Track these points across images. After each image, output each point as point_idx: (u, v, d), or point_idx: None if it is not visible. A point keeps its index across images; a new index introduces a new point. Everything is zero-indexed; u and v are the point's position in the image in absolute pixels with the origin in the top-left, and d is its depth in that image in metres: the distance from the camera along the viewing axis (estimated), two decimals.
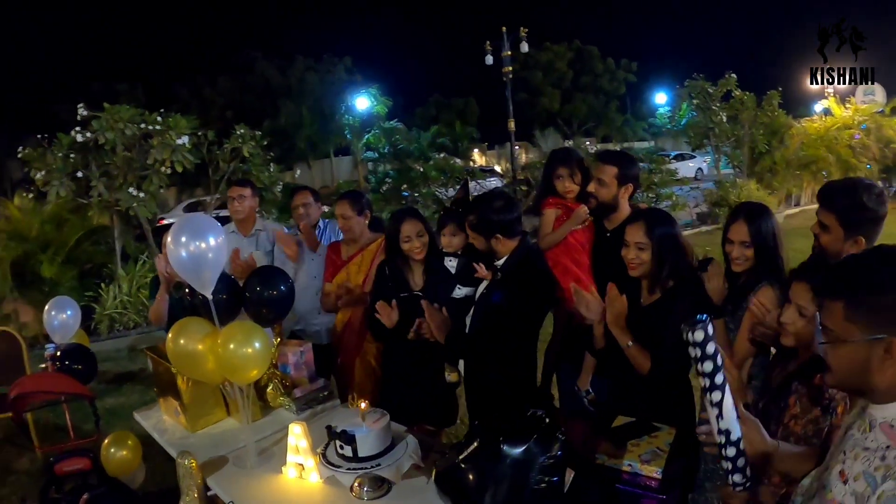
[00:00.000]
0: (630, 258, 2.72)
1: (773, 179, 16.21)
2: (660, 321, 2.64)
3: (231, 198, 4.60)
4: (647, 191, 13.40)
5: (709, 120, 16.02)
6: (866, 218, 2.44)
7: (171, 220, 18.50)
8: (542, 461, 1.55)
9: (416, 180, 11.51)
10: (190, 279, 2.67)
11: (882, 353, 1.32)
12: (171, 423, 3.33)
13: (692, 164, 28.64)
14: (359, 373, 3.84)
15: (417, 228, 3.37)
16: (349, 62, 34.75)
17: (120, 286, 8.68)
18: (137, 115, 8.33)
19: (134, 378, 6.81)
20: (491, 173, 24.89)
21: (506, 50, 13.77)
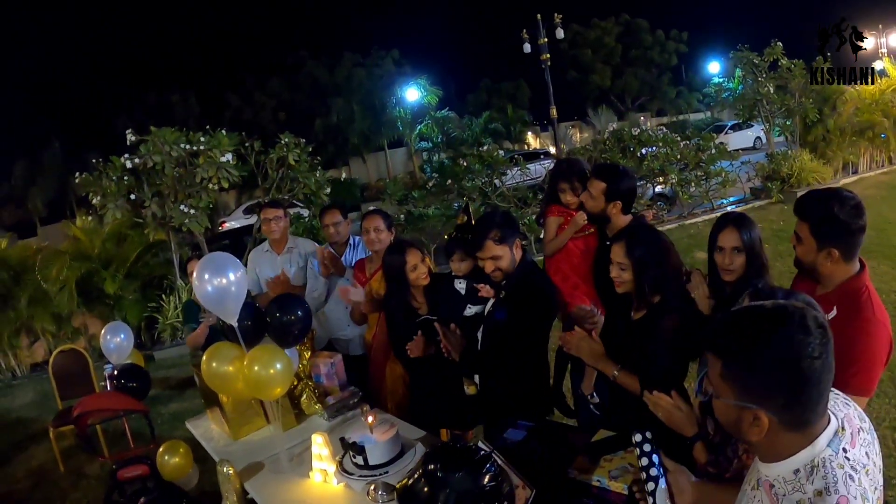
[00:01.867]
0: (613, 276, 2.76)
1: (827, 148, 15.69)
2: (647, 337, 2.69)
3: (266, 219, 4.85)
4: (695, 168, 13.26)
5: (756, 91, 15.60)
6: (838, 230, 2.34)
7: (233, 222, 19.27)
8: (479, 489, 1.70)
9: (461, 174, 11.64)
10: (216, 311, 2.98)
11: (751, 420, 1.32)
12: (217, 432, 3.68)
13: (751, 133, 27.78)
14: (389, 380, 4.04)
15: (419, 256, 3.60)
16: (397, 54, 34.87)
17: (180, 296, 9.15)
18: (182, 136, 8.75)
19: (194, 384, 7.20)
20: (545, 155, 24.81)
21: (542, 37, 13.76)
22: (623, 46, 41.05)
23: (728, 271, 2.77)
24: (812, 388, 1.28)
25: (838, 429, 1.36)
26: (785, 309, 1.31)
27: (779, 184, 14.40)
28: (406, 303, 3.66)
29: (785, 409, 1.30)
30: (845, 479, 1.27)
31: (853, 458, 1.32)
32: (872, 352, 2.20)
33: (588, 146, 14.25)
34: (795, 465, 1.32)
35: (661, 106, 43.66)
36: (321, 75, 33.51)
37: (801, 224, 2.44)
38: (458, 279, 3.62)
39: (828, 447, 1.32)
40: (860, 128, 15.90)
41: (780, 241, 10.03)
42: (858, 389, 2.12)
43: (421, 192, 12.13)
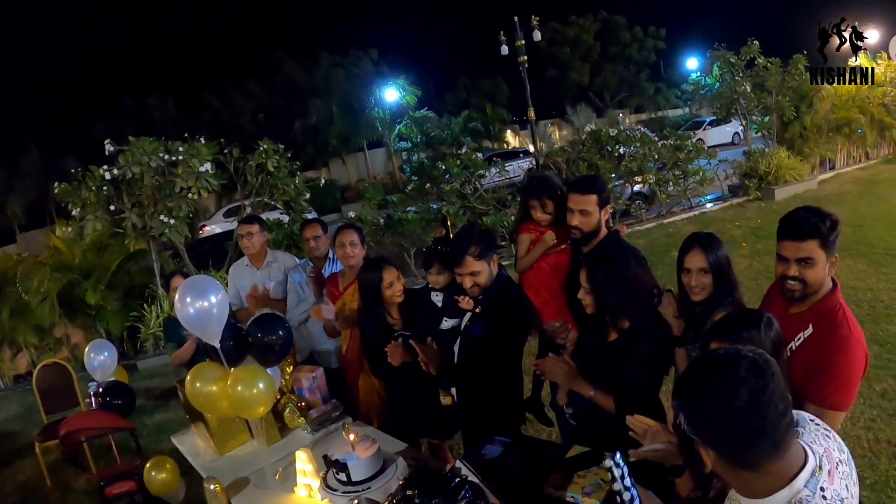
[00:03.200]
0: (580, 297, 2.80)
1: (804, 145, 15.89)
2: (620, 361, 2.73)
3: (241, 235, 4.87)
4: (672, 168, 13.37)
5: (733, 90, 15.79)
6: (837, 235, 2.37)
7: (214, 226, 19.17)
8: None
9: (439, 177, 11.66)
10: (199, 333, 3.03)
11: (705, 454, 1.42)
12: (202, 447, 3.73)
13: (729, 129, 28.05)
14: (363, 392, 4.11)
15: (396, 274, 3.66)
16: (375, 54, 34.87)
17: (162, 305, 9.13)
18: (161, 146, 8.72)
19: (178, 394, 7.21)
20: (525, 154, 24.90)
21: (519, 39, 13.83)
22: (601, 44, 41.19)
23: (696, 292, 2.79)
24: (740, 433, 1.34)
25: (815, 468, 1.41)
26: (722, 358, 1.40)
27: (756, 181, 14.54)
28: (381, 319, 3.71)
29: (723, 448, 1.38)
30: None
31: (830, 497, 1.38)
32: (850, 368, 2.25)
33: (566, 147, 14.28)
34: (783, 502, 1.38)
35: (639, 102, 43.90)
36: (299, 76, 33.38)
37: (804, 245, 2.33)
38: (434, 292, 3.67)
39: (805, 487, 1.37)
40: (837, 124, 16.10)
41: (757, 240, 10.18)
42: (837, 404, 2.19)
43: (400, 196, 12.14)
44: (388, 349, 3.48)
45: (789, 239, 2.39)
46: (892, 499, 3.69)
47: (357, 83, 33.21)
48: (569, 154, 13.23)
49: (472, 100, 37.61)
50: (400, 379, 3.70)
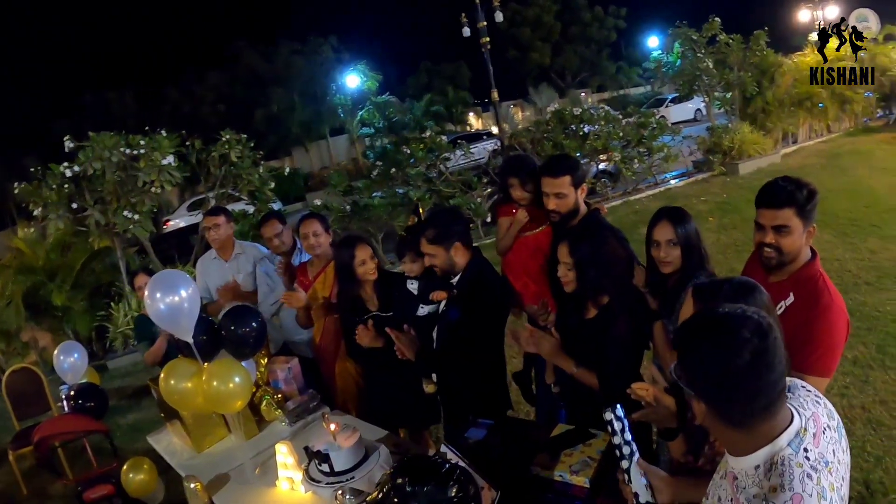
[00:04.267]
0: (560, 275, 2.77)
1: (767, 120, 16.10)
2: (600, 338, 2.72)
3: (207, 227, 4.75)
4: (637, 145, 13.45)
5: (695, 66, 15.92)
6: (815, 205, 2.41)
7: (178, 220, 18.88)
8: (449, 499, 1.74)
9: (404, 161, 11.61)
10: (171, 329, 2.96)
11: (696, 408, 1.44)
12: (179, 445, 3.65)
13: (691, 106, 28.41)
14: (340, 381, 4.07)
15: (369, 252, 3.64)
16: (335, 41, 34.50)
17: (129, 303, 8.96)
18: (122, 140, 8.54)
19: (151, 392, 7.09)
20: (488, 136, 24.92)
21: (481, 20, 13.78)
22: (562, 24, 41.38)
23: (665, 264, 2.81)
24: (738, 390, 1.36)
25: (801, 429, 1.42)
26: (727, 316, 1.40)
27: (721, 156, 14.73)
28: (356, 298, 3.69)
29: (716, 403, 1.40)
30: (802, 478, 1.35)
31: (813, 458, 1.39)
32: (833, 335, 2.28)
33: (531, 127, 14.29)
34: (756, 462, 1.40)
35: (601, 82, 44.16)
36: (259, 65, 32.94)
37: (781, 213, 2.38)
38: (410, 280, 3.63)
39: (788, 446, 1.39)
40: (798, 99, 16.33)
41: (724, 214, 10.32)
42: (819, 371, 2.21)
43: (365, 182, 12.06)
44: (358, 330, 3.46)
45: (766, 207, 2.42)
46: (869, 462, 3.77)
47: (318, 70, 32.90)
48: (533, 134, 13.25)
49: (434, 83, 37.47)
50: (377, 362, 3.67)
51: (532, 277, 3.65)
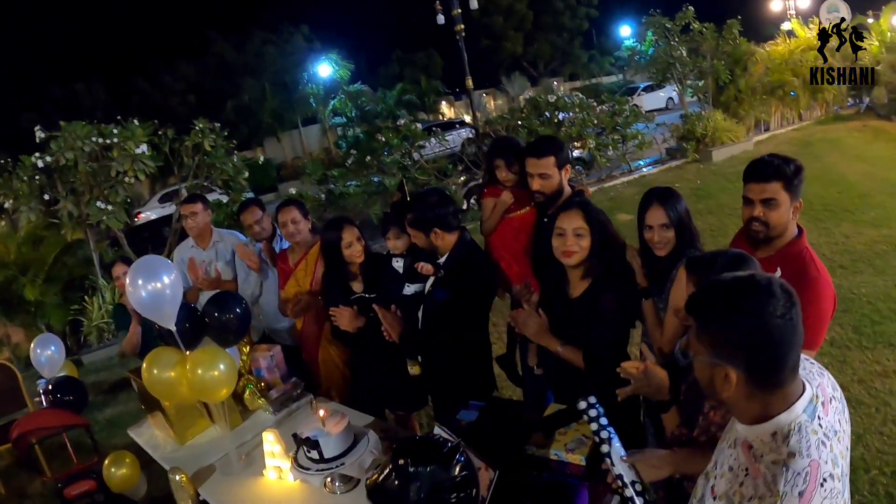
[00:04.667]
0: (569, 245, 2.70)
1: (739, 108, 16.26)
2: (587, 315, 2.73)
3: (184, 216, 4.68)
4: (611, 132, 13.49)
5: (669, 55, 16.03)
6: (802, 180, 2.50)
7: (150, 212, 18.61)
8: (449, 481, 1.72)
9: (378, 150, 11.55)
10: (152, 317, 2.89)
11: (723, 377, 1.41)
12: (162, 437, 3.58)
13: (663, 94, 28.63)
14: (323, 367, 4.04)
15: (356, 234, 3.60)
16: (306, 30, 34.18)
17: (103, 296, 8.80)
18: (94, 130, 8.35)
19: (128, 386, 6.91)
20: (461, 124, 24.87)
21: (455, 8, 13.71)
22: (534, 13, 41.23)
23: (659, 247, 2.82)
24: (776, 347, 1.36)
25: (813, 397, 1.45)
26: (754, 276, 1.42)
27: (694, 143, 14.84)
28: (343, 280, 3.66)
29: (752, 367, 1.38)
30: (818, 445, 1.37)
31: (826, 426, 1.42)
32: (820, 308, 2.30)
33: (505, 114, 14.26)
34: (773, 429, 1.41)
35: (573, 70, 44.26)
36: (230, 55, 32.52)
37: (769, 186, 2.45)
38: (395, 258, 3.62)
39: (803, 413, 1.41)
40: (771, 87, 16.51)
41: (698, 200, 10.41)
42: (808, 344, 2.17)
43: (340, 171, 11.97)
44: (336, 311, 3.44)
45: (754, 181, 2.49)
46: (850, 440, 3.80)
47: (289, 60, 32.58)
48: (508, 121, 13.23)
49: (406, 72, 37.31)
50: (363, 344, 3.64)
51: (515, 258, 3.67)
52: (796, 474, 1.33)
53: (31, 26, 41.29)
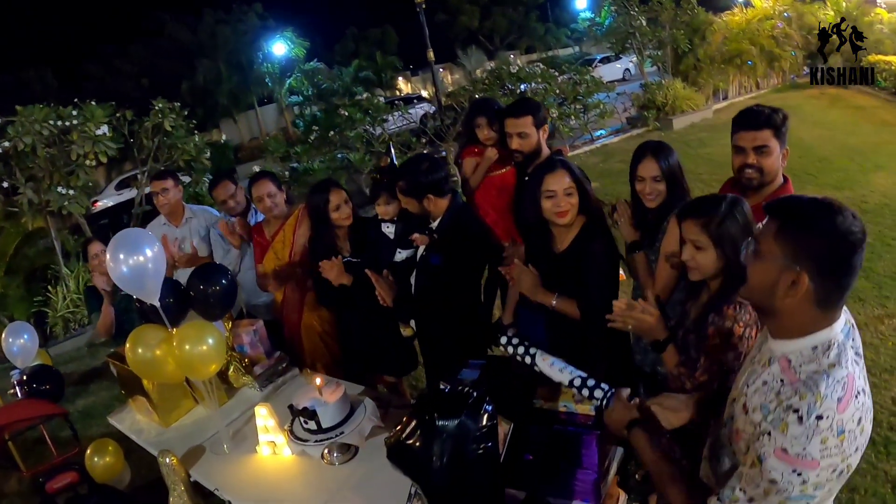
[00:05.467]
0: (563, 206, 2.76)
1: (698, 76, 16.45)
2: (578, 265, 2.78)
3: (155, 193, 4.54)
4: (573, 102, 13.51)
5: (629, 24, 16.10)
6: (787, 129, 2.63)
7: (106, 200, 18.12)
8: (475, 431, 1.69)
9: (342, 124, 11.39)
10: (135, 292, 2.79)
11: (789, 284, 1.44)
12: (145, 422, 3.47)
13: (619, 66, 28.57)
14: (306, 340, 3.98)
15: (344, 197, 3.55)
16: (259, 8, 33.29)
17: (67, 285, 8.54)
18: (52, 113, 8.02)
19: (100, 375, 6.76)
20: (419, 100, 24.69)
21: None
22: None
23: (650, 199, 2.85)
24: (848, 266, 1.42)
25: (847, 321, 1.53)
26: (840, 202, 1.45)
27: (655, 112, 15.01)
28: (330, 244, 3.60)
29: (824, 278, 1.42)
30: (853, 362, 1.46)
31: (856, 347, 1.51)
32: None
33: (467, 86, 14.19)
34: (814, 343, 1.47)
35: (530, 43, 44.19)
36: (183, 36, 31.63)
37: (760, 134, 2.57)
38: (385, 223, 3.58)
39: (841, 332, 1.48)
40: (729, 56, 16.78)
41: None
42: None
43: (304, 147, 11.79)
44: (324, 264, 3.38)
45: (746, 129, 2.61)
46: None
47: (243, 39, 31.84)
48: (470, 92, 13.15)
49: (362, 49, 36.91)
50: (350, 309, 3.61)
51: (500, 215, 3.70)
52: (836, 381, 1.40)
53: None
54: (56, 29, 34.36)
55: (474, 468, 1.69)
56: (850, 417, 1.39)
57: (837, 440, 1.38)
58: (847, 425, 1.38)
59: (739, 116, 2.67)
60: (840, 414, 1.38)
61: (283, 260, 3.93)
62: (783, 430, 1.40)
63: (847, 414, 1.39)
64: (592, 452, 2.18)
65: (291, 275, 3.87)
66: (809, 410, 1.38)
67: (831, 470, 1.39)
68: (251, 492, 2.67)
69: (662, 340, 2.18)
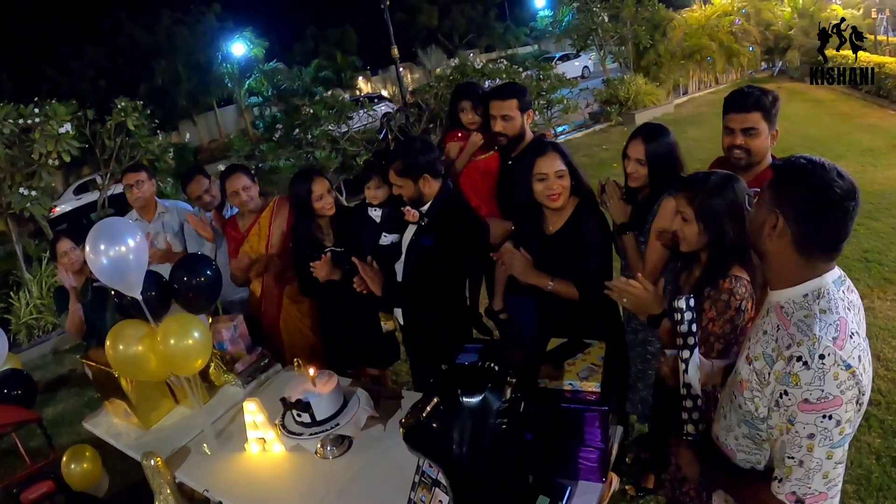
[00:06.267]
0: (555, 188, 2.81)
1: (660, 72, 16.67)
2: (571, 244, 2.80)
3: (128, 185, 4.39)
4: (537, 98, 13.52)
5: (591, 21, 16.23)
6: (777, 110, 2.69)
7: (64, 205, 17.66)
8: (499, 406, 1.67)
9: (307, 122, 11.23)
10: (116, 285, 2.67)
11: (771, 226, 1.56)
12: (123, 426, 3.33)
13: (578, 63, 28.82)
14: (286, 334, 3.91)
15: (326, 186, 3.48)
16: (218, 8, 32.76)
17: (30, 291, 8.22)
18: (13, 111, 7.69)
19: (67, 382, 6.58)
20: (379, 99, 24.65)
21: None
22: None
23: (632, 178, 2.93)
24: (829, 218, 1.51)
25: (841, 276, 1.61)
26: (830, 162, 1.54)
27: (617, 107, 15.18)
28: (312, 234, 3.55)
29: (800, 224, 1.53)
30: (845, 308, 1.54)
31: (849, 303, 1.58)
32: None
33: (431, 83, 14.16)
34: (805, 291, 1.56)
35: (489, 42, 44.31)
36: (141, 37, 30.88)
37: (749, 116, 2.64)
38: (372, 207, 3.51)
39: (832, 283, 1.57)
40: (689, 51, 17.04)
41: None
42: None
43: (270, 145, 11.60)
44: (315, 264, 3.33)
45: (735, 111, 2.68)
46: None
47: (202, 39, 31.24)
48: (435, 89, 13.09)
49: (322, 49, 36.68)
50: (334, 301, 3.55)
51: (483, 199, 3.68)
52: (828, 324, 1.48)
53: None
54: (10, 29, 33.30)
55: (499, 443, 1.67)
56: (849, 354, 1.45)
57: (847, 374, 1.43)
58: (850, 360, 1.44)
59: (730, 98, 2.74)
60: (840, 351, 1.44)
61: (259, 252, 3.85)
62: (796, 383, 1.46)
63: (846, 351, 1.45)
64: (596, 430, 2.19)
65: (270, 265, 3.80)
66: (811, 353, 1.45)
67: (854, 402, 1.45)
68: (242, 491, 2.58)
69: (657, 315, 2.20)
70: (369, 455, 2.58)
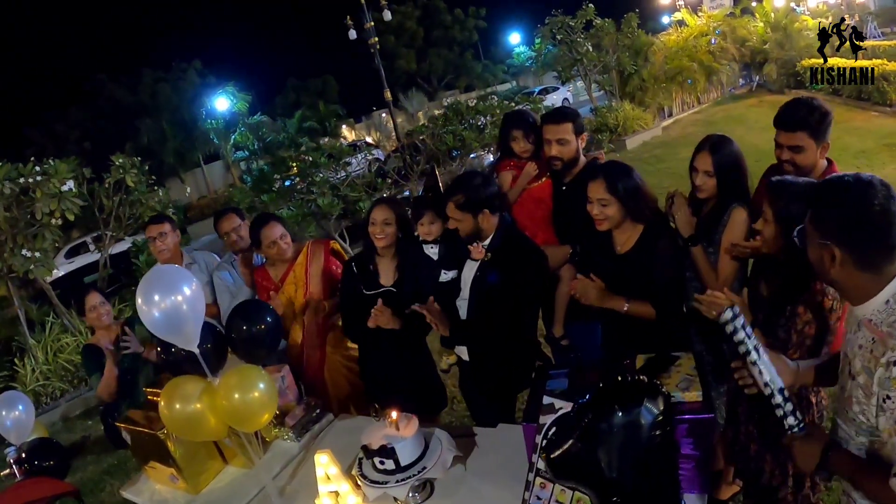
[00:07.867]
0: (595, 214, 2.81)
1: (644, 96, 16.87)
2: (642, 265, 2.76)
3: (151, 238, 4.26)
4: None
5: (575, 52, 16.43)
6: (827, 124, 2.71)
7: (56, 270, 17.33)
8: (653, 418, 1.63)
9: (307, 170, 11.17)
10: (171, 338, 2.48)
11: (830, 257, 1.61)
12: (168, 491, 3.12)
13: (557, 96, 29.20)
14: (331, 382, 3.78)
15: (385, 216, 3.29)
16: (199, 65, 33.06)
17: (35, 357, 7.97)
18: (12, 170, 7.54)
19: (83, 449, 6.32)
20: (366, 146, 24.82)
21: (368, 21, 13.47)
22: (424, 29, 41.77)
23: (700, 191, 2.95)
24: (875, 229, 1.56)
25: None
26: (858, 175, 1.61)
27: (608, 134, 15.28)
28: (369, 271, 3.39)
29: (854, 245, 1.58)
30: None
31: None
32: None
33: (427, 123, 14.19)
34: (885, 298, 1.61)
35: (468, 82, 44.79)
36: (123, 97, 30.92)
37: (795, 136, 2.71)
38: (427, 244, 3.37)
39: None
40: (671, 74, 17.29)
41: None
42: None
43: (271, 195, 11.50)
44: (374, 312, 3.15)
45: (782, 128, 2.77)
46: None
47: (185, 96, 31.39)
48: (431, 129, 13.10)
49: (303, 99, 36.89)
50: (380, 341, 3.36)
51: (539, 226, 3.64)
52: None
53: None
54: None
55: (656, 457, 1.63)
56: None
57: None
58: None
59: (780, 113, 2.80)
60: None
61: (298, 302, 3.71)
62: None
63: None
64: (705, 439, 2.15)
65: (318, 310, 3.67)
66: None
67: None
68: None
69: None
70: (456, 498, 2.43)
